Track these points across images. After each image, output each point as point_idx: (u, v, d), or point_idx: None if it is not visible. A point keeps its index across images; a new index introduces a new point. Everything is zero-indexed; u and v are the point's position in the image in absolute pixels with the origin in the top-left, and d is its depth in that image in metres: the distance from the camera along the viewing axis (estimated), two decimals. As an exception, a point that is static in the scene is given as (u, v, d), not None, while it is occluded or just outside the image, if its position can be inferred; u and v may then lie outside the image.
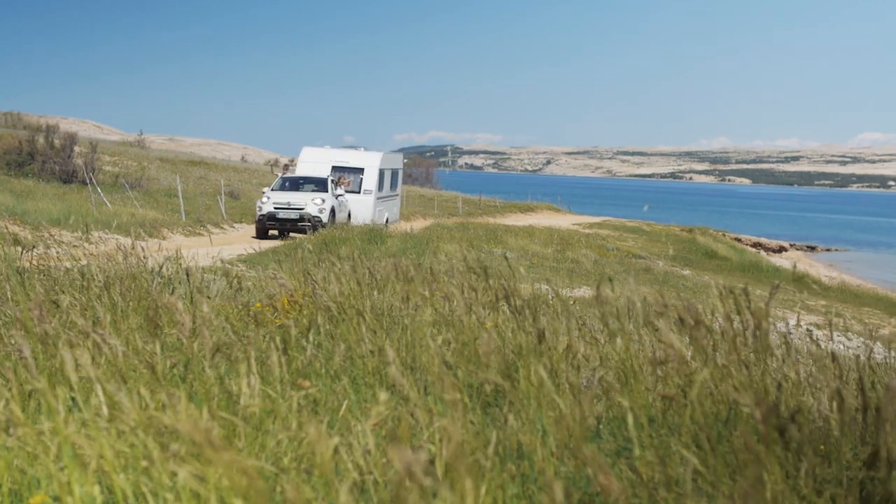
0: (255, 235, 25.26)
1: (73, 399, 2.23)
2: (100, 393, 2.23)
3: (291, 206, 25.31)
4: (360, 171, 29.80)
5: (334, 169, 29.34)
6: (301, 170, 29.69)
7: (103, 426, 1.91)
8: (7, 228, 14.31)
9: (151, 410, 1.93)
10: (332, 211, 26.03)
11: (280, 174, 30.51)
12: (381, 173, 30.41)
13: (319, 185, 26.96)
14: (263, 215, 25.31)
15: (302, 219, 25.05)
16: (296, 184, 27.16)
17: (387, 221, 30.71)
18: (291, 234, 25.10)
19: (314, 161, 29.78)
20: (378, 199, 30.06)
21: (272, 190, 26.67)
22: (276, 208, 25.33)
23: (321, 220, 25.06)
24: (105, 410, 2.03)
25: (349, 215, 27.83)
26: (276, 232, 25.63)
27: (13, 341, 3.17)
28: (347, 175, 29.31)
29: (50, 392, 1.81)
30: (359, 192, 29.31)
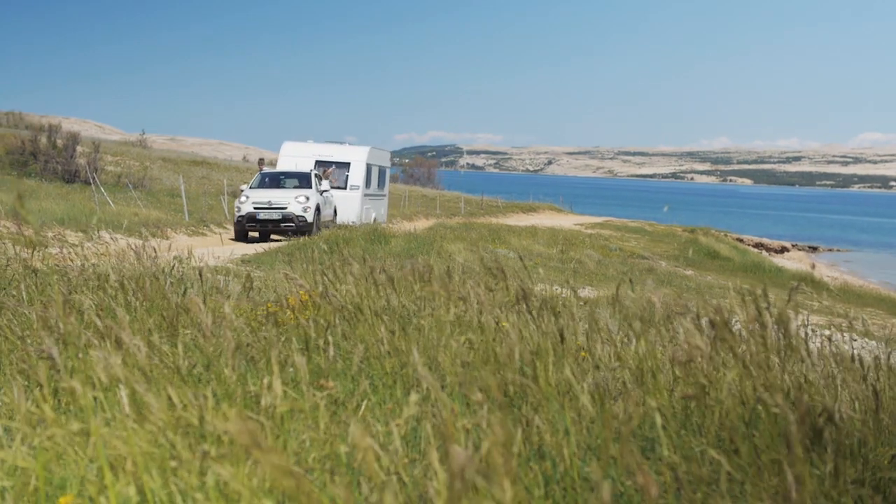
0: (233, 238, 22.91)
1: (94, 399, 2.24)
2: (123, 394, 2.24)
3: (273, 206, 22.48)
4: (346, 166, 27.59)
5: (318, 164, 26.99)
6: (282, 165, 27.34)
7: (131, 426, 1.92)
8: (18, 228, 14.34)
9: (180, 411, 1.94)
10: (317, 209, 23.30)
11: (259, 170, 27.05)
12: (369, 169, 28.26)
13: (303, 180, 24.14)
14: (242, 216, 22.47)
15: (285, 219, 22.43)
16: (277, 180, 24.36)
17: (374, 221, 27.80)
18: (274, 237, 22.83)
19: (296, 156, 27.43)
20: (365, 196, 27.88)
21: (251, 188, 23.62)
22: (256, 208, 22.47)
23: (306, 221, 22.55)
24: (129, 410, 2.04)
25: (334, 213, 25.59)
26: (256, 234, 22.96)
27: (30, 342, 3.18)
28: (332, 171, 26.88)
29: (84, 393, 1.82)
30: (345, 189, 27.07)
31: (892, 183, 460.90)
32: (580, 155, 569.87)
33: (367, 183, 28.29)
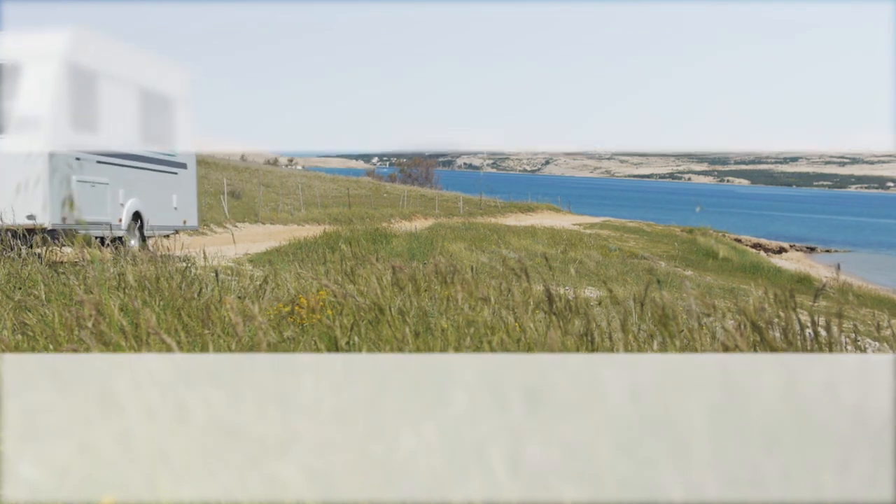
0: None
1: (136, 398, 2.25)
2: (156, 394, 2.26)
3: None
4: None
5: None
6: None
7: (173, 427, 1.93)
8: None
9: (222, 411, 1.96)
10: None
11: None
12: (89, 82, 11.37)
13: None
14: None
15: None
16: None
17: (142, 235, 12.68)
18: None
19: None
20: (68, 160, 10.68)
21: None
22: None
23: None
24: (172, 411, 2.06)
25: None
26: None
27: (62, 341, 3.19)
28: None
29: (133, 393, 1.83)
30: None
31: (889, 184, 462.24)
32: (578, 155, 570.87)
33: (89, 123, 11.37)
